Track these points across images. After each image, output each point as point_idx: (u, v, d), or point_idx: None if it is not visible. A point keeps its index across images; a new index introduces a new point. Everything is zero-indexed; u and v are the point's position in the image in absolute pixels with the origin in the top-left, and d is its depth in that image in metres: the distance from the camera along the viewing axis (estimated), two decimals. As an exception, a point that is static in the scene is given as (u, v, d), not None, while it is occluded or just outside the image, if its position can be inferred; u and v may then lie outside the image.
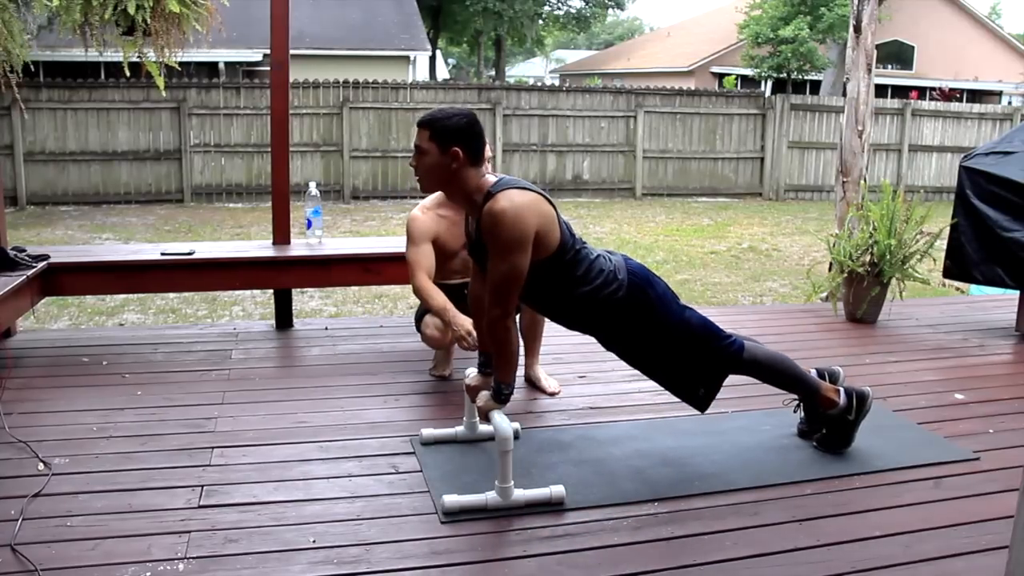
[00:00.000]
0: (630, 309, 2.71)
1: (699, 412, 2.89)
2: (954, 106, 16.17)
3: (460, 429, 3.06)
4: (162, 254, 4.27)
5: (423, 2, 23.13)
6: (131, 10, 3.83)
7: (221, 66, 15.68)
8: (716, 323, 2.85)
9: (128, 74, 4.29)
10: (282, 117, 4.45)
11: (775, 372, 2.90)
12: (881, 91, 17.37)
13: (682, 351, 2.78)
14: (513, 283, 2.52)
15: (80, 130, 12.54)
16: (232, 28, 5.47)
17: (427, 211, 3.60)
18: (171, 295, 6.82)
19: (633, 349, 2.84)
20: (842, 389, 2.97)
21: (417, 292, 3.49)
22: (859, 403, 2.93)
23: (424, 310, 3.64)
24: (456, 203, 2.65)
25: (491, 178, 2.59)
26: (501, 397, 2.66)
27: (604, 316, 2.73)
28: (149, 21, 3.91)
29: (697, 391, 2.82)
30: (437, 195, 3.59)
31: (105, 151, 12.64)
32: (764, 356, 2.88)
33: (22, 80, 4.08)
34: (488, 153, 3.45)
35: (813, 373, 3.14)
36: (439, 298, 3.42)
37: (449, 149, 2.52)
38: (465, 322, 3.31)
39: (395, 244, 4.60)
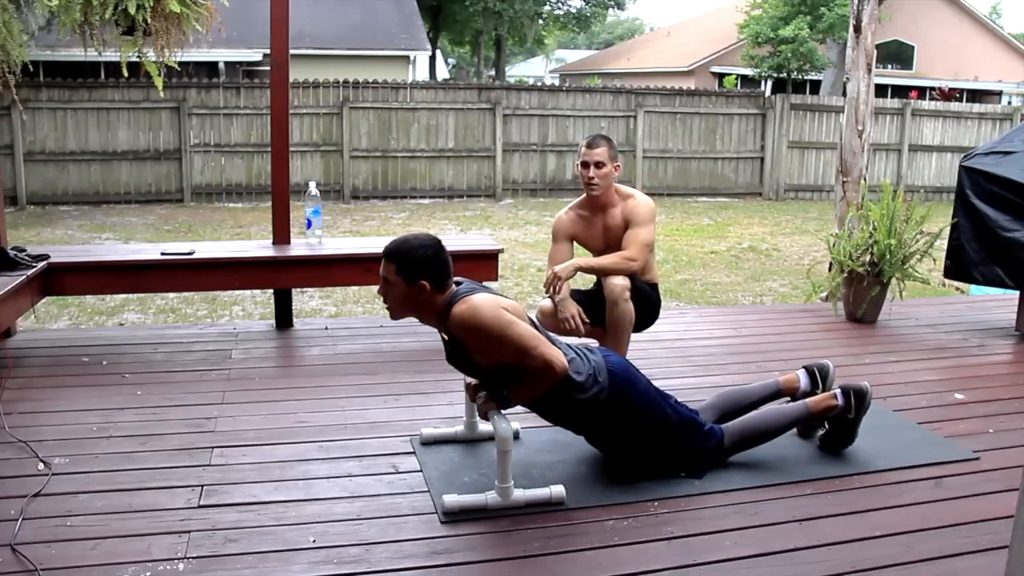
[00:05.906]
0: (611, 410, 2.70)
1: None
2: (954, 106, 16.17)
3: (460, 429, 3.06)
4: (162, 254, 4.27)
5: (423, 2, 23.11)
6: (131, 10, 3.82)
7: (221, 66, 15.67)
8: (693, 412, 2.83)
9: (127, 74, 4.29)
10: (282, 117, 4.45)
11: (761, 434, 2.90)
12: (881, 91, 17.33)
13: (663, 447, 2.77)
14: (527, 349, 2.51)
15: (80, 130, 12.53)
16: (232, 28, 5.47)
17: (570, 211, 3.75)
18: (171, 295, 6.82)
19: (615, 447, 2.84)
20: (839, 391, 2.96)
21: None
22: (858, 400, 2.93)
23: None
24: (428, 324, 2.67)
25: (452, 288, 2.59)
26: (507, 406, 2.67)
27: (585, 417, 2.73)
28: (149, 21, 3.90)
29: (678, 474, 2.79)
30: (583, 196, 3.72)
31: (105, 151, 12.63)
32: (744, 429, 2.87)
33: (21, 80, 4.08)
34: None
35: (802, 372, 3.14)
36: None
37: (416, 282, 2.53)
38: (567, 310, 3.45)
39: (395, 244, 4.60)
